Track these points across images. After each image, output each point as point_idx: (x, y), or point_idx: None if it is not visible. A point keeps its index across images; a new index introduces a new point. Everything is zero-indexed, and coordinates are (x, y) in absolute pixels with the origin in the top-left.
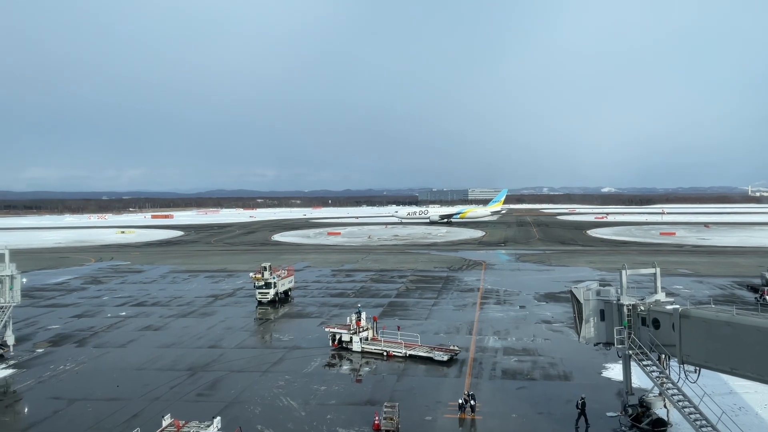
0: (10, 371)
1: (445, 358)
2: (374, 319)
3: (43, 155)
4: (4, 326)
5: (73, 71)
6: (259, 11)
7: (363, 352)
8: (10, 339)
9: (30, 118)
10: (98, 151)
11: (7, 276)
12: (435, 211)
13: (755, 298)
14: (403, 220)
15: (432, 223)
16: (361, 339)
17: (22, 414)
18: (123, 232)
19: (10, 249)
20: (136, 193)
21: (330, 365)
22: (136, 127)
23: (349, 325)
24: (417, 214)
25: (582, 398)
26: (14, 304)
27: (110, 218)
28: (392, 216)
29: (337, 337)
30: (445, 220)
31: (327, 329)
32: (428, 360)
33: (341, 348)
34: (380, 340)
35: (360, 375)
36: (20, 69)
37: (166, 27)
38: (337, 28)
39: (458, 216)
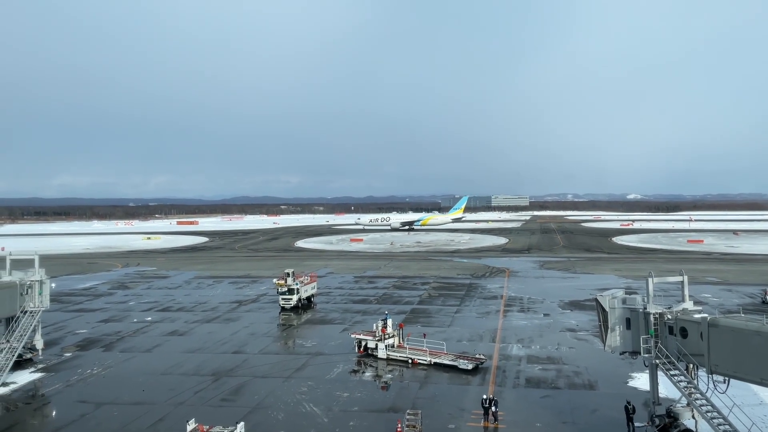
0: (38, 375)
1: (470, 366)
2: (400, 326)
3: (73, 162)
4: (34, 330)
5: (102, 82)
6: (283, 22)
7: (388, 359)
8: (39, 343)
9: (60, 126)
10: (126, 158)
11: (36, 281)
12: (397, 218)
13: (762, 299)
14: (366, 227)
15: (393, 230)
16: (386, 346)
17: (50, 417)
18: (149, 238)
19: (39, 254)
20: (162, 200)
21: (354, 372)
22: (162, 134)
23: (375, 332)
24: (379, 221)
25: (630, 404)
26: (43, 308)
27: (137, 224)
28: (355, 224)
29: (363, 343)
30: (407, 227)
31: (353, 335)
32: (452, 368)
33: (367, 355)
34: (405, 348)
35: (383, 382)
36: (52, 80)
37: (192, 39)
38: (360, 38)
39: (419, 223)
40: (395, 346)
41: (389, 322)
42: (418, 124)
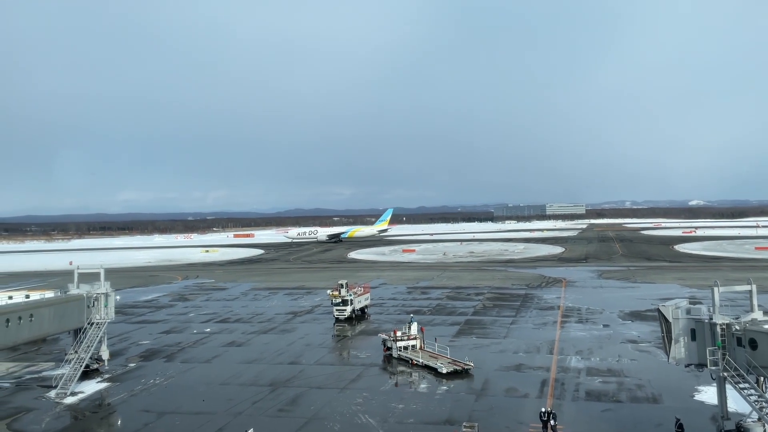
0: (104, 384)
1: (444, 370)
2: (422, 330)
3: (137, 178)
4: (100, 341)
5: (162, 100)
6: (335, 31)
7: (399, 359)
8: (104, 354)
9: (125, 144)
10: (186, 173)
11: (102, 294)
12: (324, 231)
13: None
14: (294, 240)
15: (320, 242)
16: (399, 347)
17: (116, 426)
18: (207, 251)
19: (105, 268)
20: (219, 213)
21: (382, 370)
22: (220, 149)
23: (390, 334)
24: (307, 234)
25: (678, 420)
26: (109, 320)
27: (195, 238)
28: (284, 237)
29: (386, 343)
30: (334, 240)
31: (380, 335)
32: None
33: (390, 355)
34: (418, 350)
35: (398, 382)
36: (116, 101)
37: (247, 55)
38: (412, 47)
39: (346, 235)
40: (416, 348)
41: (414, 325)
42: (471, 133)
